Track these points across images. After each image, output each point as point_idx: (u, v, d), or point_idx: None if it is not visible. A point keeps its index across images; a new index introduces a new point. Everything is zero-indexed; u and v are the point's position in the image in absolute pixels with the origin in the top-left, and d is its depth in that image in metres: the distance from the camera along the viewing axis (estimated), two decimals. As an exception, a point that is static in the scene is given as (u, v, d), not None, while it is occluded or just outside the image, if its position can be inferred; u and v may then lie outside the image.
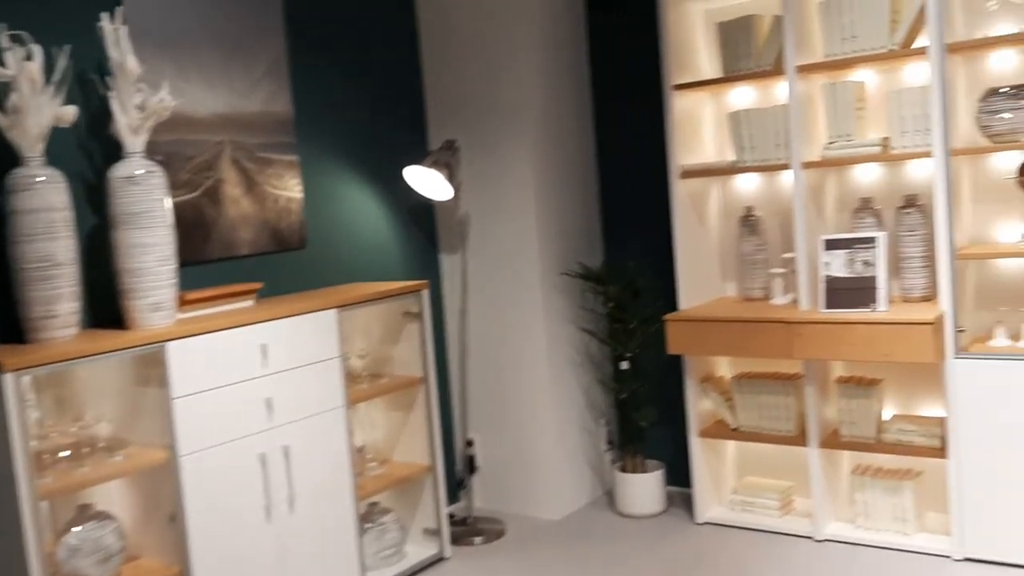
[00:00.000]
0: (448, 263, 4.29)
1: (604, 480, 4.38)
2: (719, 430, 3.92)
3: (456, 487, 4.31)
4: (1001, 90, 3.25)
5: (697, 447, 3.89)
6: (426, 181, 3.88)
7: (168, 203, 2.92)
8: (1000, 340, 3.34)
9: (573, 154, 4.23)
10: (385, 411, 3.77)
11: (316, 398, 3.21)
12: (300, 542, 3.14)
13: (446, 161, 3.89)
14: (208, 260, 3.32)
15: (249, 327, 2.99)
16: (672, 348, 3.72)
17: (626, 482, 4.07)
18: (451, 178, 3.88)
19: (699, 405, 3.91)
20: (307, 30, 3.70)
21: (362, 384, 3.57)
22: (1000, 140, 3.26)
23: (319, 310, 3.23)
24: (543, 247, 4.05)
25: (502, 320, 4.16)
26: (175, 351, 2.78)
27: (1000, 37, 3.17)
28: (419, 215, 4.22)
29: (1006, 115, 3.22)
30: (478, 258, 4.19)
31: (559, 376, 4.12)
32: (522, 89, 3.99)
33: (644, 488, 4.05)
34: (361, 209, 3.94)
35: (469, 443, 4.25)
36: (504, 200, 4.09)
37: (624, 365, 4.08)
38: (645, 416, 4.07)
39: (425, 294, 3.64)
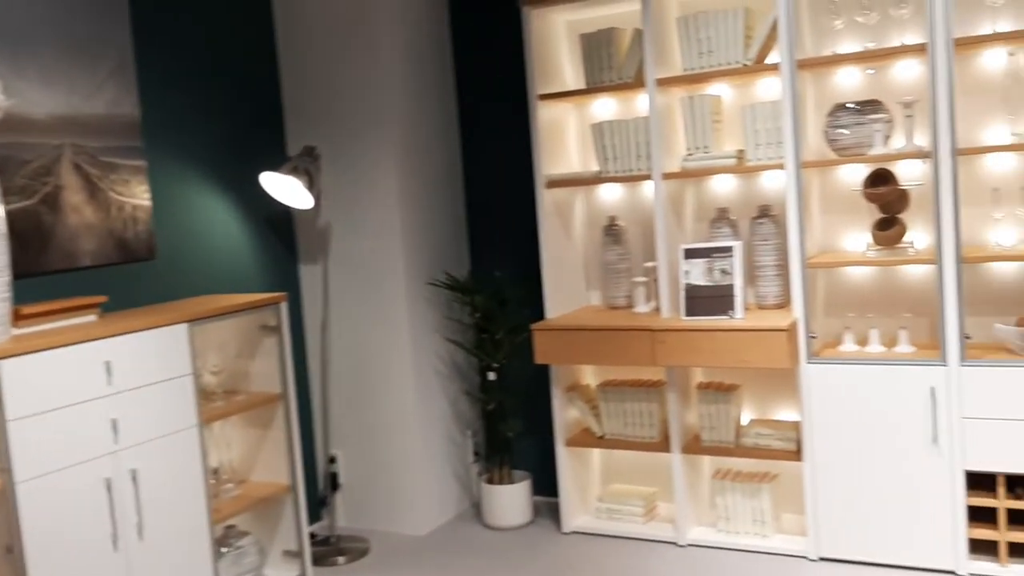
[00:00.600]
0: (308, 274, 4.16)
1: (471, 493, 4.34)
2: (585, 438, 3.93)
3: (318, 505, 4.17)
4: (847, 106, 3.40)
5: (563, 456, 3.90)
6: (285, 188, 3.74)
7: (0, 211, 2.69)
8: (848, 345, 3.49)
9: (438, 163, 4.18)
10: (242, 429, 3.60)
11: (166, 418, 3.03)
12: (151, 571, 2.95)
13: (306, 168, 3.77)
14: (46, 272, 3.09)
15: (92, 343, 2.79)
16: (539, 358, 3.72)
17: (493, 494, 4.04)
18: (311, 186, 3.76)
19: (565, 414, 3.92)
20: (157, 30, 3.51)
21: (217, 402, 3.41)
22: (846, 153, 3.40)
23: (169, 324, 3.05)
24: (408, 257, 3.98)
25: (365, 332, 4.06)
26: (10, 369, 2.56)
27: (845, 55, 3.32)
28: (277, 224, 4.08)
29: (851, 130, 3.37)
30: (340, 268, 4.08)
31: (424, 388, 4.05)
32: (385, 96, 3.92)
33: (511, 499, 4.03)
34: (215, 217, 3.76)
35: (331, 459, 4.12)
36: (367, 209, 4.00)
37: (491, 376, 4.05)
38: (512, 427, 4.05)
39: (284, 306, 3.51)
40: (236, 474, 3.57)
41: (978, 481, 3.25)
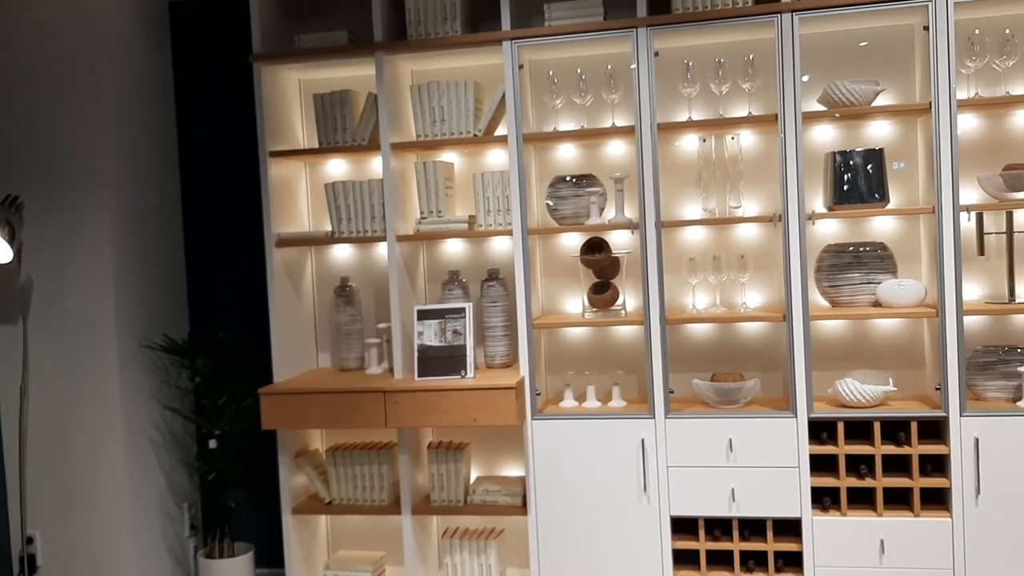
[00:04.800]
0: (5, 335, 3.75)
1: (188, 568, 4.05)
2: (313, 505, 3.83)
3: (8, 595, 3.72)
4: (566, 179, 3.66)
5: (289, 525, 3.77)
6: (-20, 240, 3.38)
7: None
8: (568, 401, 3.70)
9: (157, 218, 3.97)
10: (-82, 511, 3.15)
11: None
12: None
13: (6, 219, 3.43)
14: None
15: None
16: (266, 423, 3.59)
17: (212, 568, 3.81)
18: (11, 238, 3.43)
19: (292, 481, 3.80)
20: None
21: None
22: (566, 222, 3.65)
23: None
24: (121, 317, 3.72)
25: (71, 399, 3.72)
26: None
27: (564, 132, 3.58)
28: (-33, 280, 3.66)
29: (570, 200, 3.63)
30: (42, 329, 3.72)
31: (137, 459, 3.77)
32: (99, 145, 3.68)
33: (231, 573, 3.82)
34: None
35: (28, 540, 3.70)
36: (76, 265, 3.70)
37: (212, 443, 3.85)
38: (234, 496, 3.87)
39: (-24, 370, 3.15)
40: (-90, 564, 3.11)
41: (682, 526, 3.54)
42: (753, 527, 3.50)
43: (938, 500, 3.38)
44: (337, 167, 4.00)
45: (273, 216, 3.73)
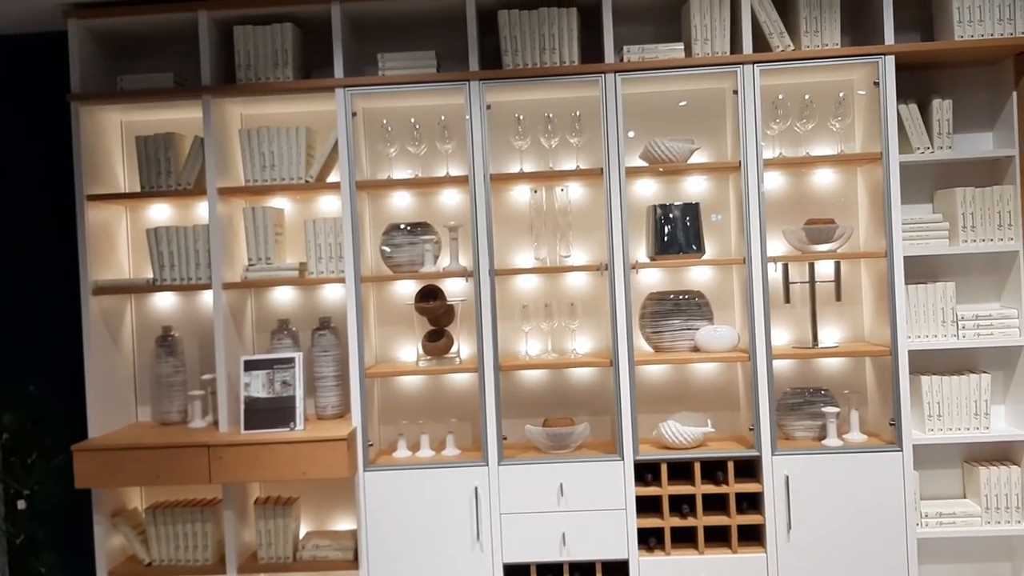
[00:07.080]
0: None
1: (-14, 645, 3.74)
2: (131, 568, 3.63)
3: None
4: (400, 226, 3.67)
5: (105, 589, 3.56)
6: None
7: None
8: (402, 451, 3.67)
9: (-42, 264, 3.71)
10: None
11: None
12: None
13: None
14: None
15: None
16: (80, 482, 3.38)
17: (16, 642, 3.53)
18: None
19: (109, 542, 3.59)
20: None
21: None
22: (400, 270, 3.66)
23: None
24: (-85, 371, 3.44)
25: None
26: None
27: (398, 180, 3.61)
28: None
29: (404, 248, 3.64)
30: None
31: (-69, 525, 3.47)
32: None
33: (38, 646, 3.56)
34: None
35: None
36: None
37: (21, 504, 3.60)
38: (45, 561, 3.63)
39: None
40: None
41: (514, 573, 3.55)
42: (584, 570, 3.56)
43: (754, 536, 3.55)
44: (160, 212, 3.86)
45: (90, 262, 3.56)
